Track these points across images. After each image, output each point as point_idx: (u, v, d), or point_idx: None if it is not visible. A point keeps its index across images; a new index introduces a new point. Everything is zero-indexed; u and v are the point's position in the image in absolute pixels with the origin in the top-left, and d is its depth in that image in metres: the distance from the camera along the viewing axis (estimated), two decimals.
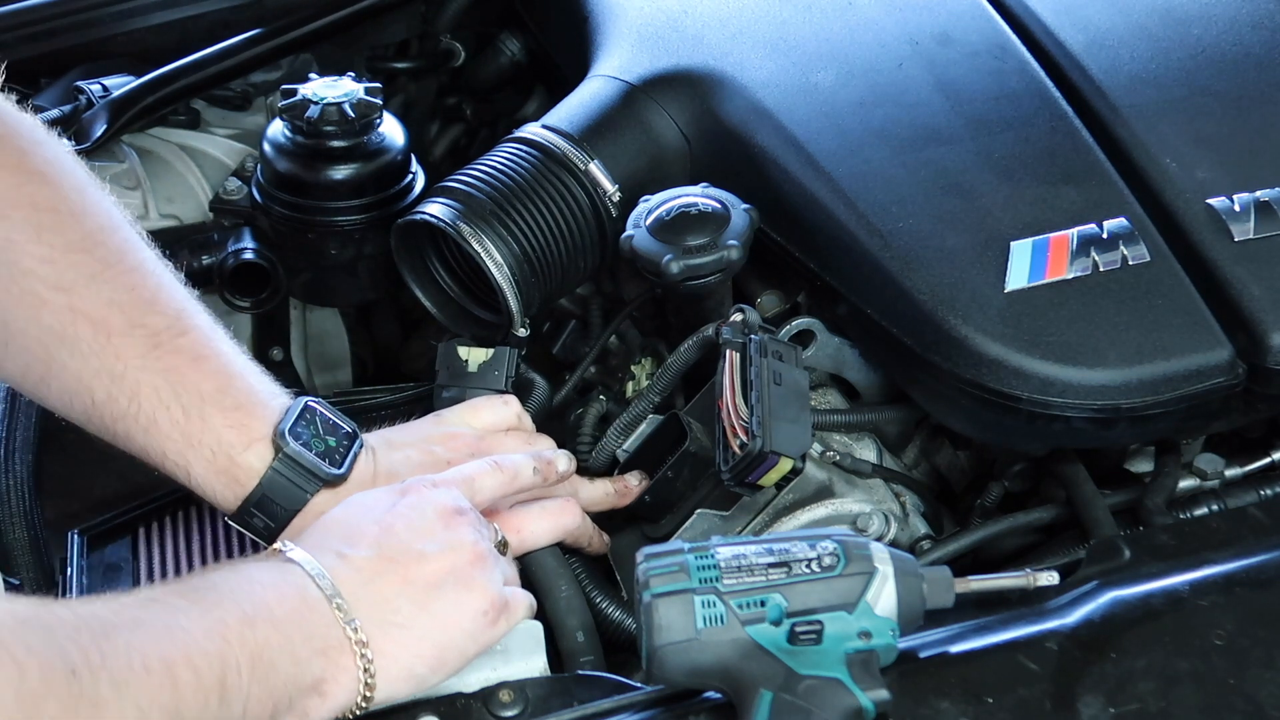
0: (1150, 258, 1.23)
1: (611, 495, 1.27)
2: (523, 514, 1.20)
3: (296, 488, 1.14)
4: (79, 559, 1.23)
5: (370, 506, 1.10)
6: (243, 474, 1.14)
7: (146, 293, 1.16)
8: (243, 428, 1.14)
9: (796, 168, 1.32)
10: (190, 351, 1.15)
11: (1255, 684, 1.02)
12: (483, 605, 1.06)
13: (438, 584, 1.05)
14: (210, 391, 1.14)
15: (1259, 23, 1.44)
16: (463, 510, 1.10)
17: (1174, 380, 1.18)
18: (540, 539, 1.20)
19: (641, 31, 1.50)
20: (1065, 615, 1.06)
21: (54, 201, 1.15)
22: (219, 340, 1.18)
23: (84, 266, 1.14)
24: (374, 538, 1.07)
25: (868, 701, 0.96)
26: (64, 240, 1.14)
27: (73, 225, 1.15)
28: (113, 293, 1.14)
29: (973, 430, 1.28)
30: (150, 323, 1.15)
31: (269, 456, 1.14)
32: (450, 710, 1.03)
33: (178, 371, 1.14)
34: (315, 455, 1.14)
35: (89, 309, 1.13)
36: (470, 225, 1.33)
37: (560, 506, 1.21)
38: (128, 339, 1.14)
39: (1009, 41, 1.43)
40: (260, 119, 1.69)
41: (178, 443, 1.14)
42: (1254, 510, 1.21)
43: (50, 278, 1.13)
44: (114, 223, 1.18)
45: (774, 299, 1.36)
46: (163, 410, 1.13)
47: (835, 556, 0.99)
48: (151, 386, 1.13)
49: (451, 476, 1.15)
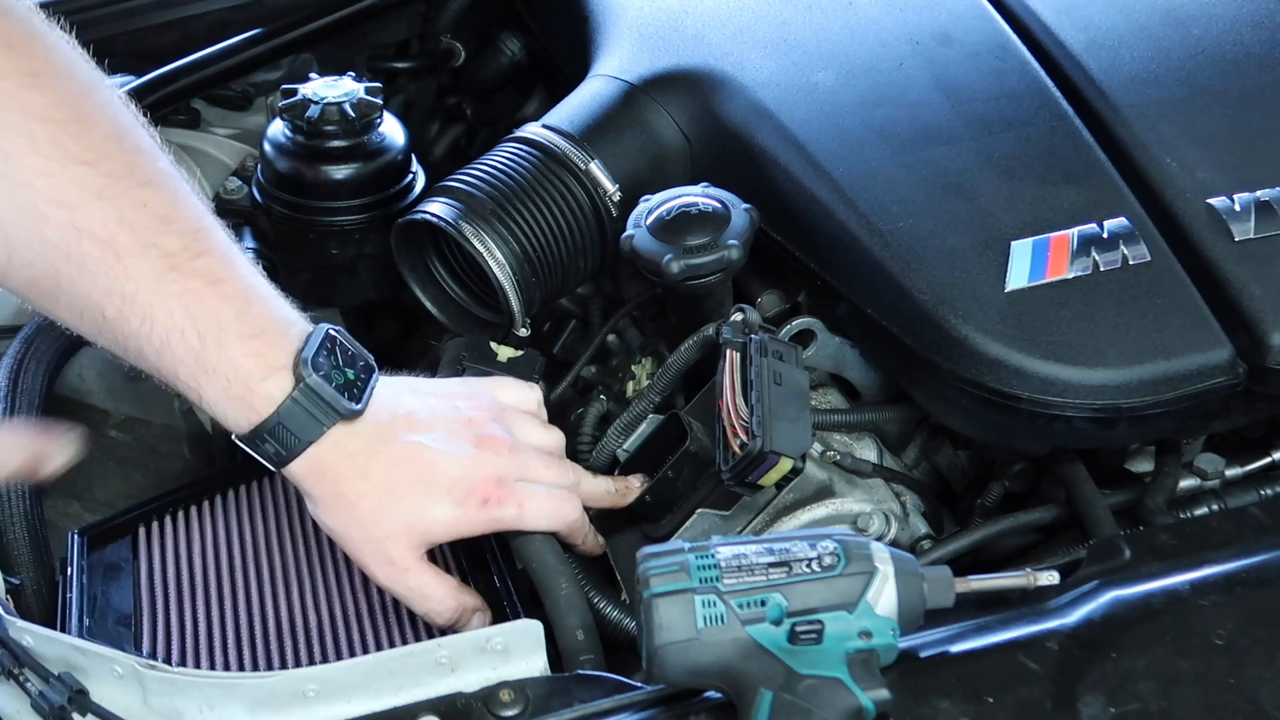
0: (1150, 257, 1.23)
1: (612, 493, 1.26)
2: (528, 491, 1.18)
3: (314, 419, 1.11)
4: (79, 559, 1.23)
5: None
6: (259, 402, 1.10)
7: (160, 209, 1.09)
8: (261, 357, 1.10)
9: (797, 167, 1.32)
10: (208, 274, 1.09)
11: (1255, 684, 1.02)
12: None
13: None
14: (229, 318, 1.09)
15: (1259, 23, 1.44)
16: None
17: (1174, 380, 1.18)
18: (538, 521, 1.18)
19: (642, 31, 1.50)
20: (1066, 615, 1.06)
21: (51, 108, 1.05)
22: (237, 261, 1.13)
23: (88, 182, 1.06)
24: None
25: (868, 701, 0.96)
26: (63, 152, 1.05)
27: (75, 135, 1.06)
28: (122, 210, 1.07)
29: (973, 430, 1.28)
30: (164, 243, 1.08)
31: (288, 386, 1.10)
32: (450, 710, 1.03)
33: (194, 295, 1.09)
34: (335, 389, 1.11)
35: (95, 227, 1.06)
36: (471, 224, 1.33)
37: (564, 496, 1.20)
38: (139, 259, 1.07)
39: (1009, 41, 1.43)
40: (260, 119, 1.69)
41: (191, 367, 1.09)
42: (1254, 510, 1.21)
43: (51, 192, 1.05)
44: (122, 129, 1.10)
45: (774, 299, 1.36)
46: (177, 334, 1.08)
47: (835, 556, 0.99)
48: (166, 310, 1.08)
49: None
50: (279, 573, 1.23)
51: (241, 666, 1.15)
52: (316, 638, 1.17)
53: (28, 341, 1.38)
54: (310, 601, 1.20)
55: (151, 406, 1.55)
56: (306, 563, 1.24)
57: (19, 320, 1.43)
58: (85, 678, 1.02)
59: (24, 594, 1.22)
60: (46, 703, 1.00)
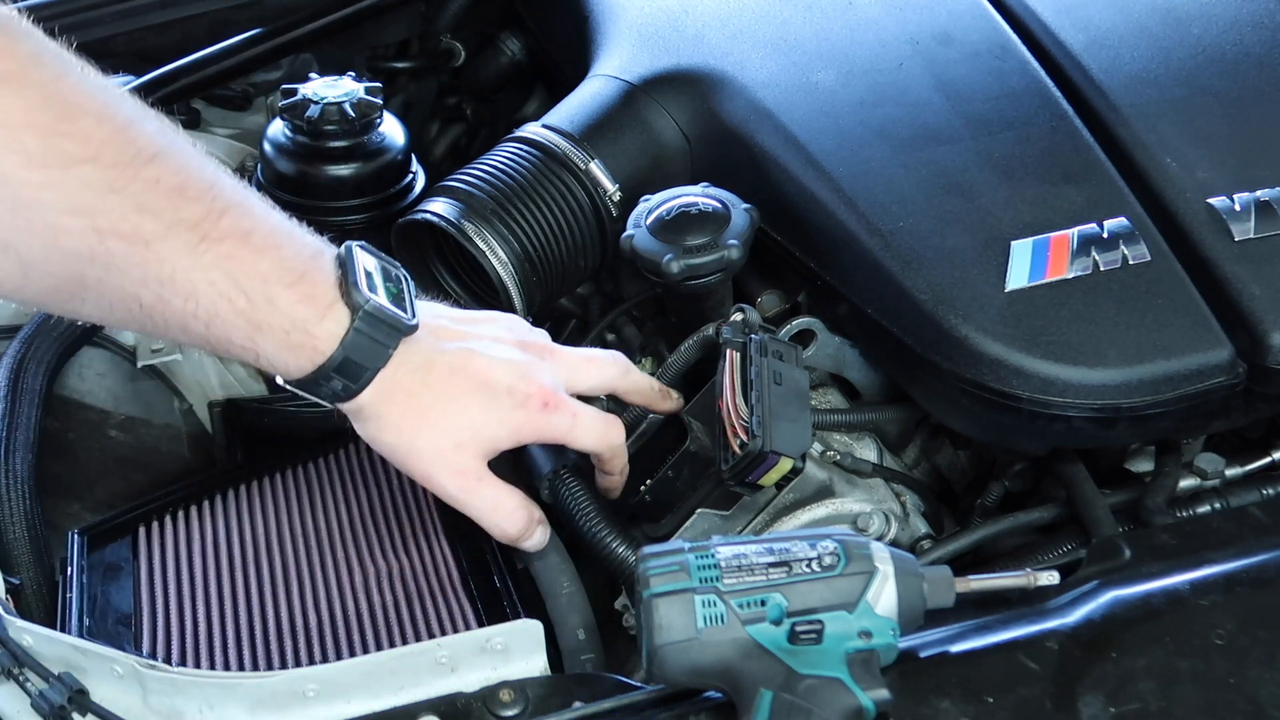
0: (1151, 257, 1.23)
1: (655, 393, 1.25)
2: (581, 406, 1.17)
3: (379, 345, 1.08)
4: (79, 559, 1.23)
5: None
6: (322, 343, 1.07)
7: (173, 180, 1.03)
8: (311, 299, 1.07)
9: (797, 167, 1.32)
10: (235, 232, 1.05)
11: (1255, 684, 1.02)
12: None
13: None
14: (269, 270, 1.05)
15: (1259, 23, 1.44)
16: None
17: (1174, 380, 1.18)
18: (588, 437, 1.17)
19: (642, 31, 1.50)
20: (1066, 615, 1.06)
21: (34, 110, 0.98)
22: (252, 202, 1.08)
23: (96, 180, 1.00)
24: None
25: (868, 701, 0.96)
26: (62, 157, 0.99)
27: (66, 133, 0.99)
28: (138, 197, 1.01)
29: (973, 430, 1.28)
30: (187, 215, 1.03)
31: (346, 319, 1.07)
32: (450, 710, 1.03)
33: (231, 259, 1.04)
34: (392, 306, 1.08)
35: (116, 224, 1.01)
36: (473, 224, 1.33)
37: (612, 419, 1.19)
38: (169, 241, 1.02)
39: (1009, 41, 1.43)
40: (260, 119, 1.69)
41: (244, 330, 1.06)
42: (1255, 510, 1.21)
43: (60, 203, 0.99)
44: (107, 105, 1.02)
45: (774, 299, 1.36)
46: (225, 302, 1.05)
47: (836, 556, 0.99)
48: (208, 282, 1.04)
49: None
50: (279, 573, 1.23)
51: (241, 666, 1.15)
52: (316, 638, 1.17)
53: (28, 341, 1.38)
54: (310, 601, 1.20)
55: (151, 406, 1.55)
56: (306, 563, 1.24)
57: (19, 320, 1.43)
58: (85, 678, 1.02)
59: (24, 594, 1.22)
60: (46, 703, 1.00)
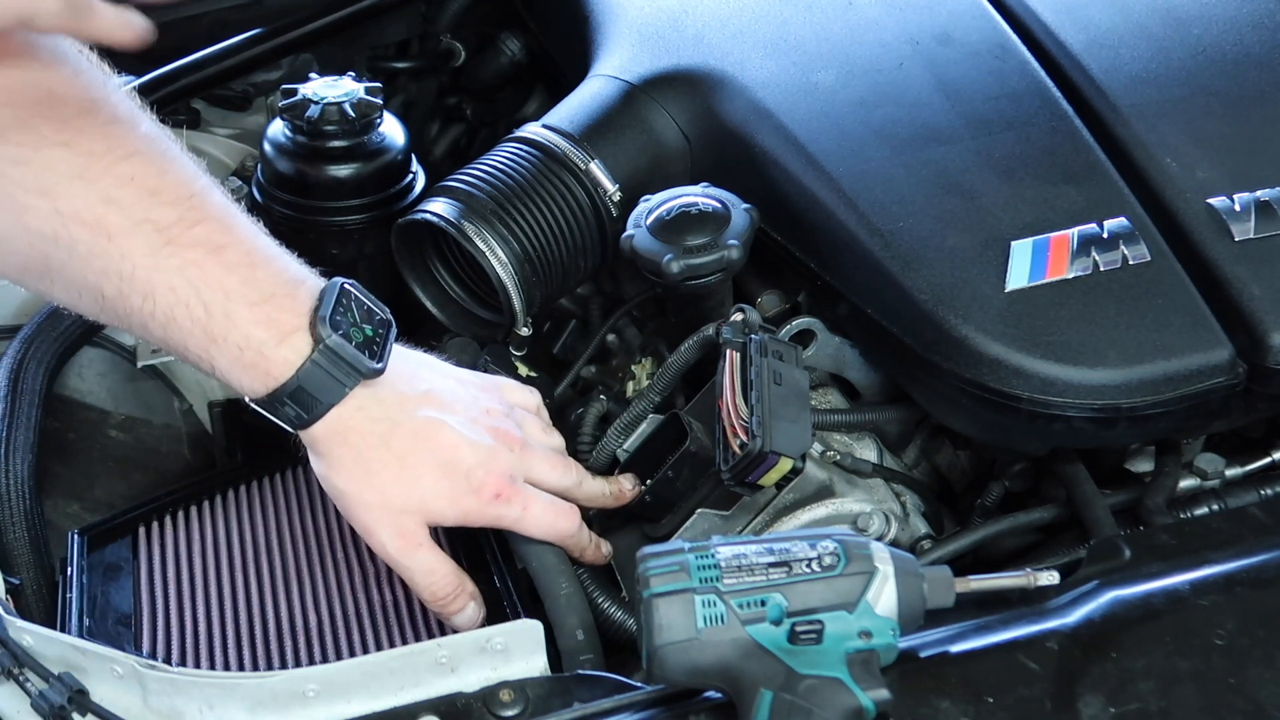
0: (1150, 257, 1.23)
1: (608, 495, 1.26)
2: (534, 496, 1.17)
3: (335, 381, 1.08)
4: (79, 559, 1.23)
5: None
6: (275, 368, 1.07)
7: (149, 181, 1.04)
8: (273, 322, 1.07)
9: (797, 167, 1.32)
10: (206, 243, 1.05)
11: (1255, 684, 1.02)
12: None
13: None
14: (234, 286, 1.05)
15: (1259, 23, 1.44)
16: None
17: (1174, 380, 1.18)
18: (537, 528, 1.17)
19: (642, 31, 1.50)
20: (1065, 615, 1.06)
21: (16, 90, 1.00)
22: (237, 223, 1.08)
23: (64, 165, 1.01)
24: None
25: (868, 701, 0.96)
26: (36, 136, 1.00)
27: (46, 115, 1.00)
28: (106, 189, 1.02)
29: (973, 430, 1.28)
30: (157, 216, 1.04)
31: (305, 349, 1.07)
32: (450, 710, 1.03)
33: (195, 267, 1.04)
34: (355, 347, 1.07)
35: (79, 211, 1.01)
36: (473, 224, 1.33)
37: (564, 509, 1.19)
38: (132, 238, 1.03)
39: (1009, 41, 1.43)
40: (260, 119, 1.69)
41: (199, 339, 1.06)
42: (1254, 510, 1.20)
43: (27, 181, 1.00)
44: (95, 99, 1.04)
45: (774, 299, 1.36)
46: (181, 308, 1.05)
47: (836, 556, 0.99)
48: (166, 286, 1.04)
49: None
50: (279, 573, 1.23)
51: (241, 666, 1.15)
52: (316, 638, 1.17)
53: (28, 341, 1.38)
54: (310, 601, 1.20)
55: (151, 406, 1.55)
56: (306, 563, 1.24)
57: (19, 320, 1.43)
58: (85, 678, 1.02)
59: (24, 594, 1.22)
60: (46, 703, 1.00)
